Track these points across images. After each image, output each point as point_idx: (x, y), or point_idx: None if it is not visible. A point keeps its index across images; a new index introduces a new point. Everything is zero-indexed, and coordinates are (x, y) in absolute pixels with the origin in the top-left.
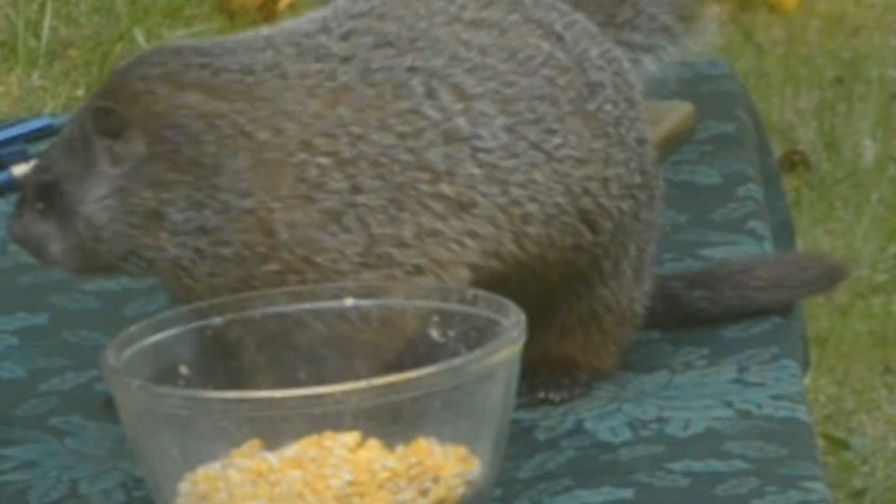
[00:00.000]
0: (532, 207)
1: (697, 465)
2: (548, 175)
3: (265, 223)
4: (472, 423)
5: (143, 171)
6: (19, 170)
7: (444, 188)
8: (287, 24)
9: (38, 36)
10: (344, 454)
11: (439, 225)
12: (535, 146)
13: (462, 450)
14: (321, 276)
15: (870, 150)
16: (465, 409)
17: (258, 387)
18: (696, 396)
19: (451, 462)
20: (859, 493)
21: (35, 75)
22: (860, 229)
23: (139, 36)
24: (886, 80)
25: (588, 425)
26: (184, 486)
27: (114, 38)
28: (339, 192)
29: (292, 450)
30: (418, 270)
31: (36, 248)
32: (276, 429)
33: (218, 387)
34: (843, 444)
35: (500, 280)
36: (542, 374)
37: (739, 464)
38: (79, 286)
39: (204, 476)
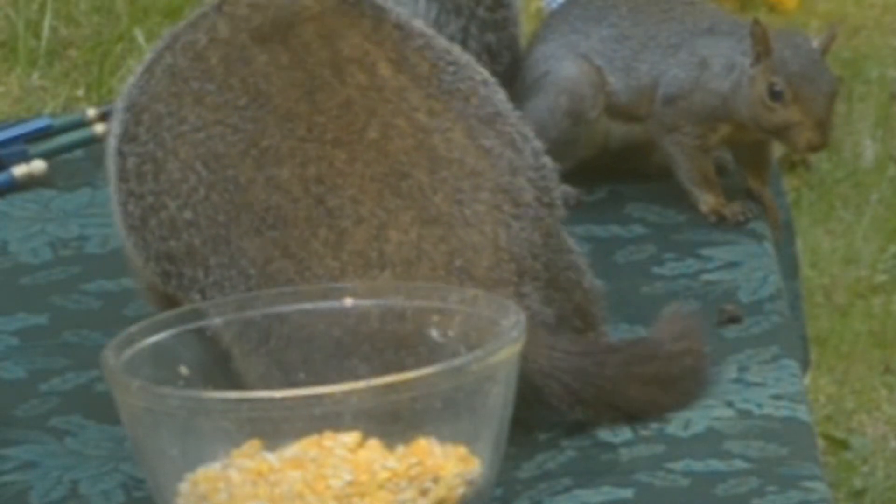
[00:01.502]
0: None
1: (697, 465)
2: None
3: None
4: (472, 423)
5: None
6: (19, 170)
7: None
8: None
9: (38, 36)
10: (344, 454)
11: None
12: None
13: (462, 450)
14: None
15: (870, 150)
16: (465, 409)
17: (257, 387)
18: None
19: (451, 462)
20: (859, 493)
21: (35, 75)
22: (860, 229)
23: (139, 36)
24: (886, 80)
25: (588, 425)
26: (184, 487)
27: (114, 38)
28: None
29: (292, 450)
30: None
31: None
32: (276, 429)
33: (218, 387)
34: (843, 444)
35: None
36: None
37: (739, 464)
38: (79, 286)
39: (204, 476)
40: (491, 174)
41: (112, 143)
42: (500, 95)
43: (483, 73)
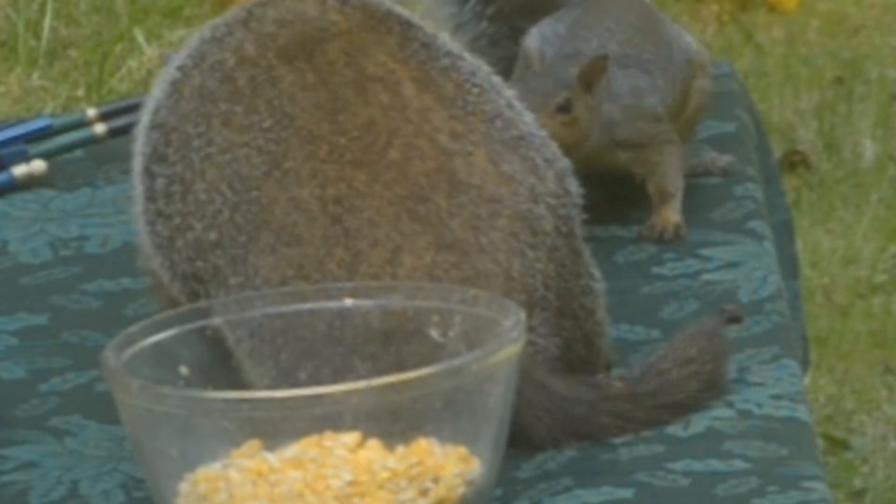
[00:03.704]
0: None
1: (697, 465)
2: None
3: None
4: (472, 423)
5: None
6: (19, 170)
7: None
8: None
9: (38, 36)
10: (344, 454)
11: None
12: None
13: (462, 450)
14: None
15: (870, 150)
16: (465, 409)
17: (258, 387)
18: None
19: (451, 462)
20: (859, 493)
21: (35, 75)
22: (860, 229)
23: (139, 36)
24: (886, 80)
25: None
26: (184, 487)
27: (114, 38)
28: None
29: (292, 450)
30: None
31: None
32: (276, 429)
33: (218, 387)
34: (843, 444)
35: None
36: None
37: (739, 464)
38: (79, 286)
39: (204, 476)
40: (511, 201)
41: (139, 162)
42: (526, 118)
43: (508, 95)
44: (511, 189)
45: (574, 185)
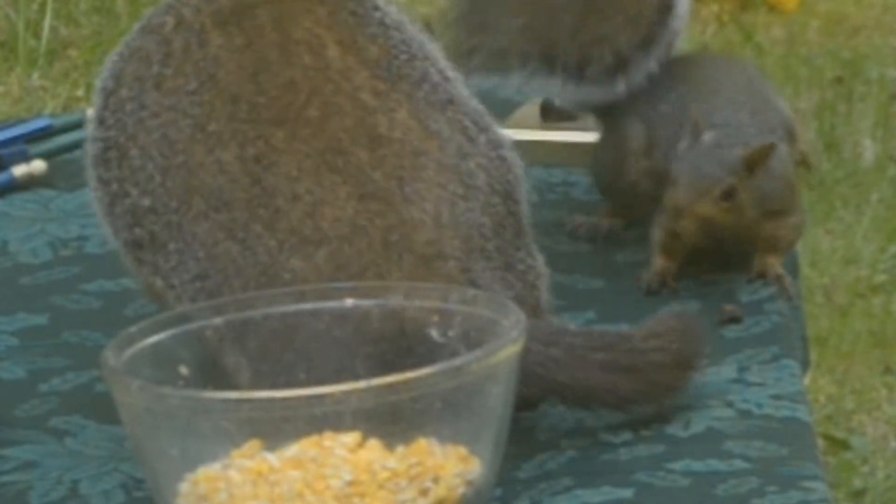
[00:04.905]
0: None
1: (697, 465)
2: None
3: None
4: (472, 423)
5: None
6: (19, 170)
7: None
8: None
9: (38, 36)
10: (344, 454)
11: None
12: None
13: (462, 450)
14: None
15: (870, 150)
16: (465, 409)
17: (258, 387)
18: (696, 396)
19: (451, 462)
20: (859, 493)
21: (35, 75)
22: (860, 229)
23: None
24: (886, 80)
25: (588, 425)
26: (184, 487)
27: (114, 38)
28: None
29: (292, 450)
30: None
31: None
32: (276, 429)
33: (218, 387)
34: (843, 444)
35: None
36: None
37: (739, 463)
38: (79, 286)
39: (204, 476)
40: (436, 154)
41: (90, 127)
42: (462, 91)
43: (447, 68)
44: (437, 144)
45: (513, 157)
